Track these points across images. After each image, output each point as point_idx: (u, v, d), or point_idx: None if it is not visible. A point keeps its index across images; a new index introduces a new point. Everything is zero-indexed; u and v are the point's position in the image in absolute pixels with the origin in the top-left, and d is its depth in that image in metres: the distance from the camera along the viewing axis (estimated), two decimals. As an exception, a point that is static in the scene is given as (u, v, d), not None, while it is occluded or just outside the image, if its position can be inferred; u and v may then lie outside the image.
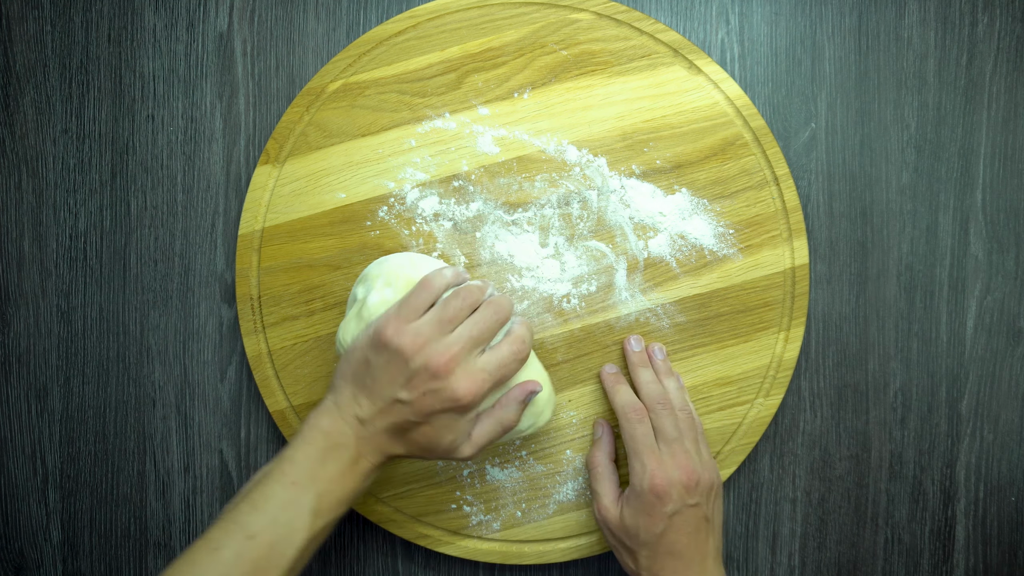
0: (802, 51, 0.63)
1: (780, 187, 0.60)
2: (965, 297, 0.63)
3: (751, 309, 0.61)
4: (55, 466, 0.64)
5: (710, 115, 0.60)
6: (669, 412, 0.56)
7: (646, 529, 0.53)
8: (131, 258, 0.64)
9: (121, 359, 0.64)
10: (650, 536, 0.53)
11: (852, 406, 0.63)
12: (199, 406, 0.64)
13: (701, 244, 0.60)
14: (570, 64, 0.60)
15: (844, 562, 0.64)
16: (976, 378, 0.63)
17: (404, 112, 0.60)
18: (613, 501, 0.56)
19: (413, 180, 0.60)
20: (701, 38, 0.63)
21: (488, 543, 0.61)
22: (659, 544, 0.53)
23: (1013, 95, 0.63)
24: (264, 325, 0.61)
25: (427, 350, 0.49)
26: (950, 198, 0.63)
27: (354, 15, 0.63)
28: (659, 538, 0.53)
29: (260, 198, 0.61)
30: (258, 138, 0.63)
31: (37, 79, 0.63)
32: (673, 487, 0.53)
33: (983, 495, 0.64)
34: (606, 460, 0.58)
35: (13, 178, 0.64)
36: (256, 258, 0.61)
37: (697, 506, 0.54)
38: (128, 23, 0.63)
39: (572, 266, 0.60)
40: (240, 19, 0.63)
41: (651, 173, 0.60)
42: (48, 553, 0.65)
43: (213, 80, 0.63)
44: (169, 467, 0.64)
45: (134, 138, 0.63)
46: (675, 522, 0.53)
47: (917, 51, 0.63)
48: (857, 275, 0.63)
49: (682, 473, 0.54)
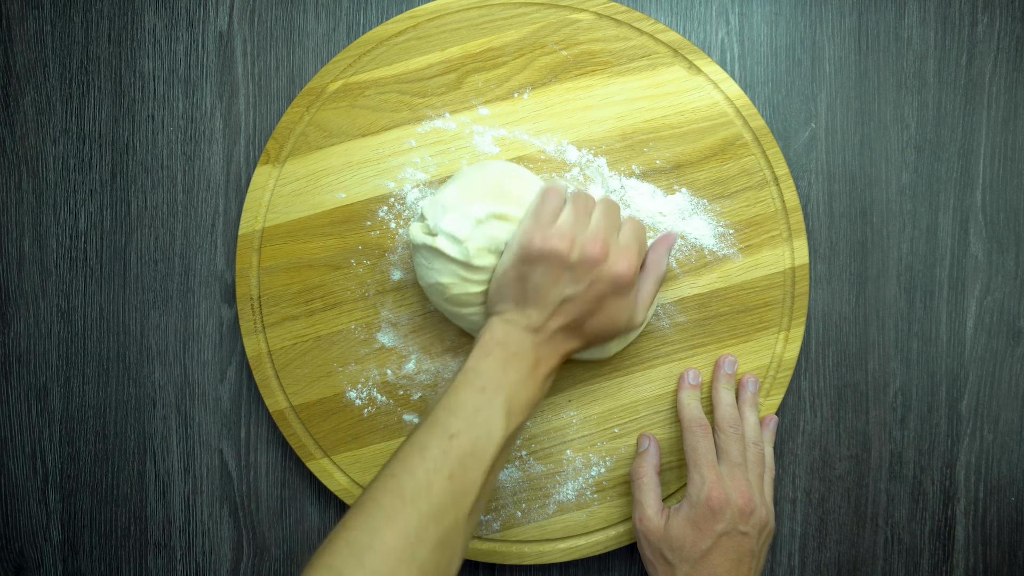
0: (802, 51, 0.63)
1: (780, 187, 0.60)
2: (965, 297, 0.63)
3: (751, 309, 0.61)
4: (55, 466, 0.65)
5: (710, 115, 0.60)
6: (738, 438, 0.56)
7: (693, 544, 0.53)
8: (131, 258, 0.64)
9: (121, 359, 0.64)
10: (695, 552, 0.53)
11: (852, 406, 0.63)
12: (199, 406, 0.64)
13: (701, 244, 0.60)
14: (570, 64, 0.60)
15: (844, 562, 0.64)
16: (976, 378, 0.63)
17: (404, 112, 0.60)
18: (657, 512, 0.56)
19: (413, 180, 0.60)
20: (701, 38, 0.63)
21: (488, 543, 0.61)
22: (701, 563, 0.53)
23: (1013, 95, 0.63)
24: (264, 325, 0.61)
25: (579, 243, 0.51)
26: (950, 198, 0.63)
27: (354, 15, 0.63)
28: (703, 556, 0.53)
29: (260, 198, 0.61)
30: (258, 138, 0.63)
31: (37, 79, 0.63)
32: (729, 506, 0.53)
33: (983, 495, 0.64)
34: (652, 471, 0.58)
35: (13, 178, 0.64)
36: (256, 258, 0.61)
37: (746, 535, 0.53)
38: (128, 23, 0.63)
39: (572, 266, 0.60)
40: (240, 19, 0.63)
41: (651, 173, 0.60)
42: (48, 553, 0.65)
43: (213, 80, 0.63)
44: (169, 467, 0.64)
45: (134, 138, 0.63)
46: (722, 543, 0.53)
47: (917, 51, 0.63)
48: (857, 275, 0.63)
49: (739, 496, 0.54)
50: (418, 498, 0.46)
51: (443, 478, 0.47)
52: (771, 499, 0.57)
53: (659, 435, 0.61)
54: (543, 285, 0.52)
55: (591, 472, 0.61)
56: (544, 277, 0.52)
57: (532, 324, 0.52)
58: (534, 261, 0.52)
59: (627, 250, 0.53)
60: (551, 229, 0.52)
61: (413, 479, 0.46)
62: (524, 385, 0.51)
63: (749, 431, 0.57)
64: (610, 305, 0.53)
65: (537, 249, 0.51)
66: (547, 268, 0.51)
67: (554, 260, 0.51)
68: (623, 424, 0.61)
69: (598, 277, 0.52)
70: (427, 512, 0.45)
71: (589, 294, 0.52)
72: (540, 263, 0.51)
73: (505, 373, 0.51)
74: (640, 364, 0.61)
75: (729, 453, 0.55)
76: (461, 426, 0.49)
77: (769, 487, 0.57)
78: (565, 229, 0.52)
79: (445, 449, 0.48)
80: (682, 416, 0.58)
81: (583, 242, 0.52)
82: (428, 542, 0.45)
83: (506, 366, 0.51)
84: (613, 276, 0.52)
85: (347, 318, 0.61)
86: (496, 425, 0.49)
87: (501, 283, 0.53)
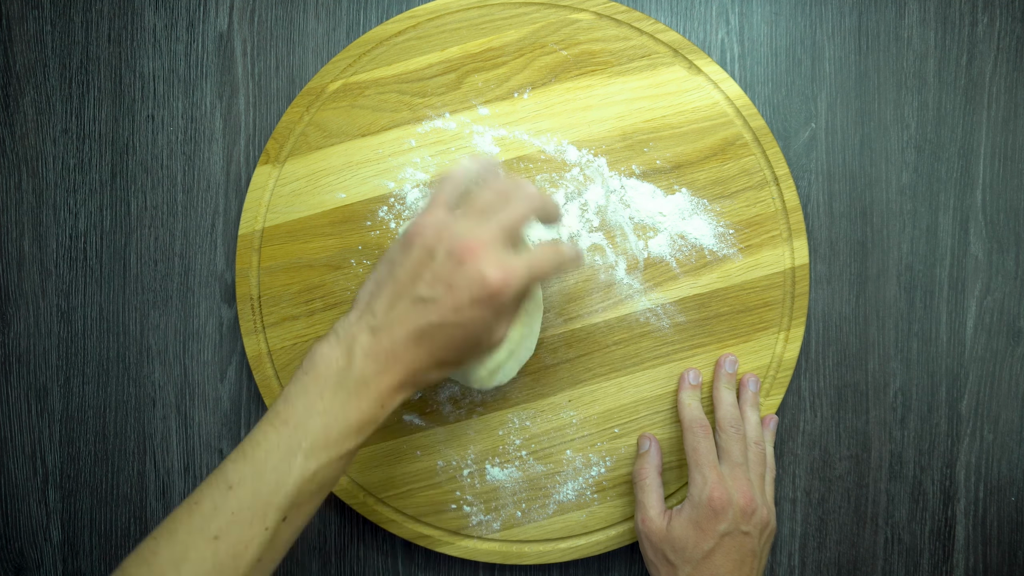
0: (802, 51, 0.63)
1: (780, 187, 0.60)
2: (965, 297, 0.63)
3: (751, 309, 0.61)
4: (55, 466, 0.65)
5: (710, 115, 0.60)
6: (739, 437, 0.56)
7: (695, 544, 0.53)
8: (131, 258, 0.64)
9: (121, 359, 0.64)
10: (697, 552, 0.53)
11: (852, 406, 0.63)
12: (199, 406, 0.64)
13: (701, 244, 0.60)
14: (570, 64, 0.60)
15: (844, 562, 0.64)
16: (976, 378, 0.63)
17: (404, 112, 0.60)
18: (659, 513, 0.56)
19: (413, 180, 0.60)
20: (701, 38, 0.63)
21: (488, 543, 0.61)
22: (703, 564, 0.53)
23: (1013, 95, 0.63)
24: (264, 325, 0.61)
25: (450, 236, 0.44)
26: (950, 198, 0.63)
27: (354, 15, 0.63)
28: (706, 556, 0.53)
29: (260, 198, 0.61)
30: (258, 138, 0.63)
31: (37, 79, 0.63)
32: (731, 506, 0.53)
33: (983, 495, 0.64)
34: (654, 472, 0.58)
35: (13, 178, 0.64)
36: (256, 258, 0.61)
37: (748, 535, 0.53)
38: (128, 23, 0.63)
39: (572, 266, 0.60)
40: (240, 19, 0.63)
41: (651, 173, 0.60)
42: (48, 553, 0.65)
43: (213, 80, 0.63)
44: (169, 467, 0.64)
45: (134, 138, 0.63)
46: (724, 544, 0.53)
47: (917, 51, 0.63)
48: (857, 275, 0.63)
49: (741, 497, 0.53)
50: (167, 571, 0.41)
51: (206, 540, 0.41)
52: (772, 499, 0.57)
53: (659, 435, 0.61)
54: (401, 278, 0.45)
55: (591, 472, 0.61)
56: (405, 269, 0.45)
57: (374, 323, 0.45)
58: (405, 249, 0.45)
59: (509, 262, 0.44)
60: (432, 218, 0.45)
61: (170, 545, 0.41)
62: (344, 412, 0.44)
63: (750, 431, 0.57)
64: (468, 322, 0.44)
65: (408, 237, 0.45)
66: (412, 260, 0.45)
67: (421, 252, 0.45)
68: (623, 424, 0.61)
69: (458, 279, 0.44)
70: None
71: (446, 299, 0.44)
72: (408, 252, 0.45)
73: (319, 400, 0.44)
74: (640, 364, 0.61)
75: (730, 453, 0.55)
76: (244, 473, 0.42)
77: (770, 487, 0.57)
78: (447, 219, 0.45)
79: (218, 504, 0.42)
80: (682, 416, 0.58)
81: (454, 236, 0.44)
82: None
83: (321, 391, 0.44)
84: (476, 278, 0.44)
85: (347, 318, 0.61)
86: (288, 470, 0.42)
87: (375, 269, 0.47)
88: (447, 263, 0.44)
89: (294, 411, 0.44)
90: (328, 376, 0.44)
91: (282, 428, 0.43)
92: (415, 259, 0.44)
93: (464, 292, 0.44)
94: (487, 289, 0.44)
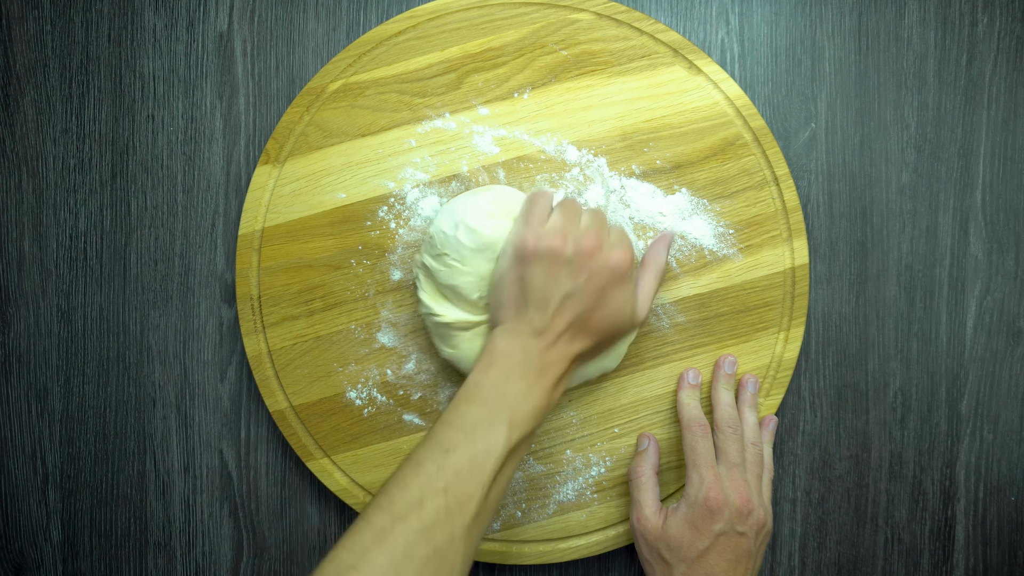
0: (802, 51, 0.63)
1: (780, 187, 0.60)
2: (965, 297, 0.63)
3: (751, 309, 0.61)
4: (55, 466, 0.65)
5: (710, 115, 0.60)
6: (737, 438, 0.56)
7: (690, 543, 0.53)
8: (131, 258, 0.64)
9: (121, 359, 0.64)
10: (692, 552, 0.53)
11: (852, 406, 0.63)
12: (199, 406, 0.64)
13: (701, 244, 0.60)
14: (570, 64, 0.60)
15: (844, 562, 0.64)
16: (976, 378, 0.63)
17: (404, 112, 0.60)
18: (655, 512, 0.56)
19: (413, 180, 0.60)
20: (701, 38, 0.63)
21: (488, 543, 0.61)
22: (698, 563, 0.53)
23: (1013, 95, 0.63)
24: (264, 325, 0.61)
25: (572, 238, 0.52)
26: (950, 198, 0.63)
27: (354, 15, 0.63)
28: (701, 556, 0.53)
29: (260, 198, 0.61)
30: (258, 138, 0.63)
31: (37, 79, 0.63)
32: (727, 506, 0.53)
33: (983, 495, 0.64)
34: (650, 471, 0.58)
35: (13, 178, 0.64)
36: (256, 258, 0.61)
37: (744, 536, 0.53)
38: (128, 23, 0.63)
39: (572, 266, 0.60)
40: (240, 19, 0.63)
41: (651, 173, 0.60)
42: (48, 553, 0.65)
43: (213, 80, 0.63)
44: (169, 467, 0.64)
45: (134, 138, 0.63)
46: (720, 543, 0.53)
47: (917, 51, 0.63)
48: (857, 275, 0.63)
49: (737, 497, 0.54)
50: (408, 514, 0.45)
51: (436, 492, 0.46)
52: (769, 500, 0.57)
53: (659, 435, 0.61)
54: (542, 285, 0.51)
55: (591, 472, 0.61)
56: (542, 277, 0.51)
57: (536, 327, 0.51)
58: (530, 262, 0.52)
59: (620, 241, 0.53)
60: (543, 229, 0.52)
61: (405, 495, 0.46)
62: (529, 395, 0.50)
63: (748, 432, 0.57)
64: (611, 297, 0.52)
65: (532, 248, 0.52)
66: (544, 267, 0.52)
67: (551, 258, 0.51)
68: (623, 424, 0.61)
69: (596, 269, 0.52)
70: (417, 528, 0.45)
71: (589, 287, 0.52)
72: (536, 263, 0.52)
73: (508, 384, 0.50)
74: (640, 364, 0.61)
75: (728, 453, 0.55)
76: (458, 439, 0.48)
77: (767, 488, 0.57)
78: (557, 227, 0.52)
79: (440, 464, 0.47)
80: (681, 416, 0.58)
81: (577, 237, 0.52)
82: (417, 559, 0.44)
83: (508, 377, 0.50)
84: (611, 265, 0.52)
85: (347, 318, 0.61)
86: (496, 438, 0.48)
87: (499, 290, 0.53)
88: (580, 259, 0.51)
89: (488, 394, 0.50)
90: (510, 368, 0.51)
91: (481, 406, 0.50)
92: (550, 265, 0.52)
93: (601, 276, 0.52)
94: (618, 268, 0.52)
